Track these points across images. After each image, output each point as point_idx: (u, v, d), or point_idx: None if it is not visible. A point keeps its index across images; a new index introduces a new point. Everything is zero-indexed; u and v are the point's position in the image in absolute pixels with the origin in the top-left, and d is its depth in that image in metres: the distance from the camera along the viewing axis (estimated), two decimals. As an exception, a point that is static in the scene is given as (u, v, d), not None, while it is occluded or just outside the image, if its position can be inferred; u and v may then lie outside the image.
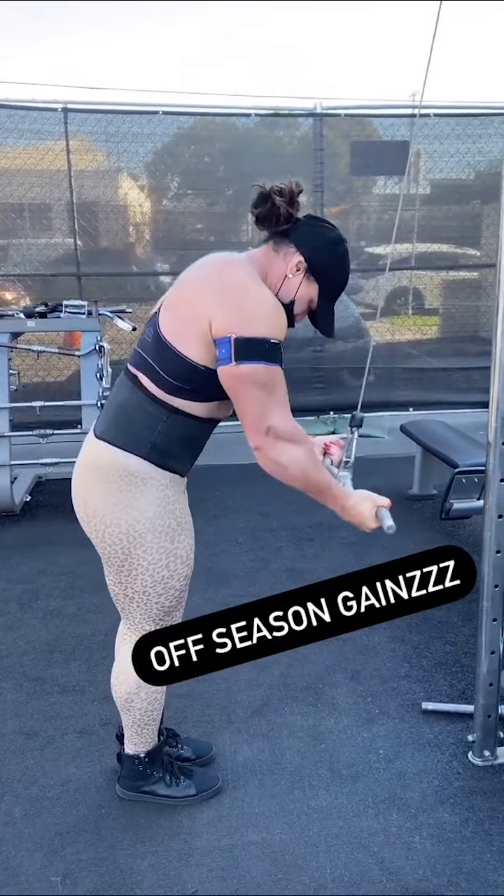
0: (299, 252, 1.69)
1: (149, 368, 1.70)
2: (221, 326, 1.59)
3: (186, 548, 1.82)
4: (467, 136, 5.79)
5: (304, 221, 1.72)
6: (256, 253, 1.74)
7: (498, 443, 1.97)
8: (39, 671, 2.66)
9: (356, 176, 5.85)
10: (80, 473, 1.79)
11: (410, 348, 6.33)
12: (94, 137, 5.55)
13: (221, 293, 1.60)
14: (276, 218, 1.67)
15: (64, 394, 4.83)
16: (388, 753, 2.20)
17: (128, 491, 1.71)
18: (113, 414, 1.75)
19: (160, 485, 1.73)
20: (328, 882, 1.76)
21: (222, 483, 4.59)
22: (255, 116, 5.75)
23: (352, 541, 3.71)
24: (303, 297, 1.73)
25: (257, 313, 1.59)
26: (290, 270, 1.70)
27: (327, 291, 1.74)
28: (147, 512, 1.73)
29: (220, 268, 1.67)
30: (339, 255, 1.72)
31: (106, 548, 1.78)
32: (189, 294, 1.66)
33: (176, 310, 1.67)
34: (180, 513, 1.79)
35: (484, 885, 1.74)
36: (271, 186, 1.66)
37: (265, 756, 2.20)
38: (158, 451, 1.71)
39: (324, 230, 1.73)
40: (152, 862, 1.83)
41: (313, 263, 1.70)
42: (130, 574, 1.78)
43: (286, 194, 1.66)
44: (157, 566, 1.77)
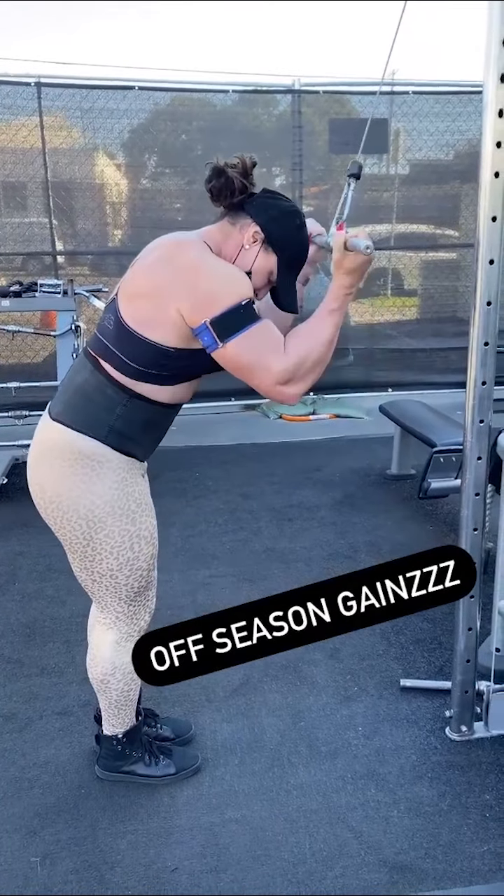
0: (255, 222, 1.67)
1: (111, 355, 1.68)
2: (192, 315, 1.58)
3: (149, 527, 1.81)
4: (446, 115, 5.75)
5: (260, 194, 1.70)
6: (211, 229, 1.71)
7: (475, 422, 1.98)
8: (17, 653, 2.65)
9: (335, 154, 5.79)
10: (35, 457, 1.76)
11: (390, 329, 6.33)
12: (68, 113, 5.43)
13: (178, 280, 1.59)
14: (230, 191, 1.64)
15: (40, 374, 4.78)
16: (367, 730, 2.22)
17: (84, 474, 1.69)
18: (71, 395, 1.73)
19: (117, 468, 1.72)
20: (307, 857, 1.78)
21: (201, 464, 4.57)
22: (232, 93, 5.67)
23: (332, 520, 3.72)
24: (261, 268, 1.69)
25: (218, 287, 1.57)
26: (246, 241, 1.67)
27: (286, 262, 1.71)
28: (105, 496, 1.71)
29: (170, 250, 1.65)
30: (295, 226, 1.70)
31: (66, 534, 1.76)
32: (145, 281, 1.64)
33: (136, 298, 1.64)
34: (139, 494, 1.78)
35: (461, 858, 1.77)
36: (224, 161, 1.64)
37: (245, 734, 2.21)
38: (117, 435, 1.70)
39: (279, 201, 1.71)
40: (132, 841, 1.83)
41: (270, 234, 1.67)
42: (95, 559, 1.77)
43: (240, 167, 1.64)
44: (121, 548, 1.76)
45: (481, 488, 2.02)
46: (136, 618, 1.88)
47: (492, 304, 1.89)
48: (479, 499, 2.02)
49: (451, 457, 3.31)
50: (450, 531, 3.56)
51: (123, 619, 1.86)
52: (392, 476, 4.34)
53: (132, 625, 1.88)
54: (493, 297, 1.89)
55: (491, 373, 1.94)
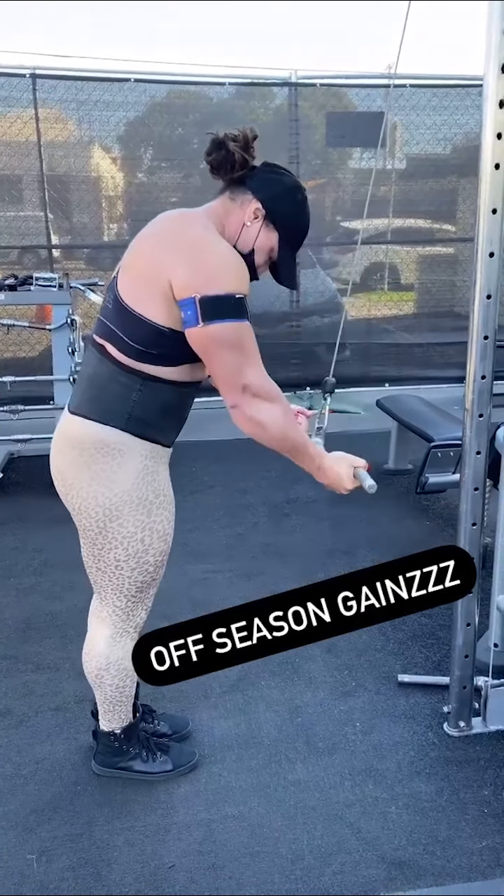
0: (256, 199, 1.64)
1: (113, 336, 1.64)
2: (183, 286, 1.53)
3: (164, 522, 1.78)
4: (444, 108, 5.73)
5: (261, 168, 1.67)
6: (213, 205, 1.68)
7: (474, 416, 1.96)
8: (13, 649, 2.63)
9: (332, 147, 5.76)
10: (57, 447, 1.74)
11: (386, 324, 6.32)
12: (64, 106, 5.40)
13: (179, 251, 1.55)
14: (230, 164, 1.61)
15: (35, 369, 4.75)
16: (365, 726, 2.21)
17: (104, 463, 1.67)
18: (85, 387, 1.71)
19: (139, 455, 1.69)
20: (305, 853, 1.77)
21: (199, 459, 4.56)
22: (229, 86, 5.63)
23: (328, 515, 3.71)
24: (262, 245, 1.67)
25: (219, 269, 1.54)
26: (248, 218, 1.64)
27: (288, 239, 1.68)
28: (125, 484, 1.69)
29: (175, 224, 1.62)
30: (297, 201, 1.68)
31: (82, 520, 1.74)
32: (144, 252, 1.61)
33: (133, 270, 1.61)
34: (160, 485, 1.75)
35: (459, 854, 1.76)
36: (225, 133, 1.61)
37: (242, 730, 2.20)
38: (136, 421, 1.66)
39: (281, 176, 1.68)
40: (129, 837, 1.82)
41: (272, 210, 1.64)
42: (104, 547, 1.75)
43: (240, 140, 1.61)
44: (132, 540, 1.74)
45: (480, 483, 2.01)
46: (132, 615, 1.86)
47: (491, 297, 1.87)
48: (478, 493, 2.01)
49: (448, 452, 3.30)
50: (447, 526, 3.55)
51: (119, 615, 1.85)
52: (389, 471, 4.33)
53: (127, 621, 1.86)
54: (493, 291, 1.87)
55: (490, 367, 1.92)
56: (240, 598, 2.91)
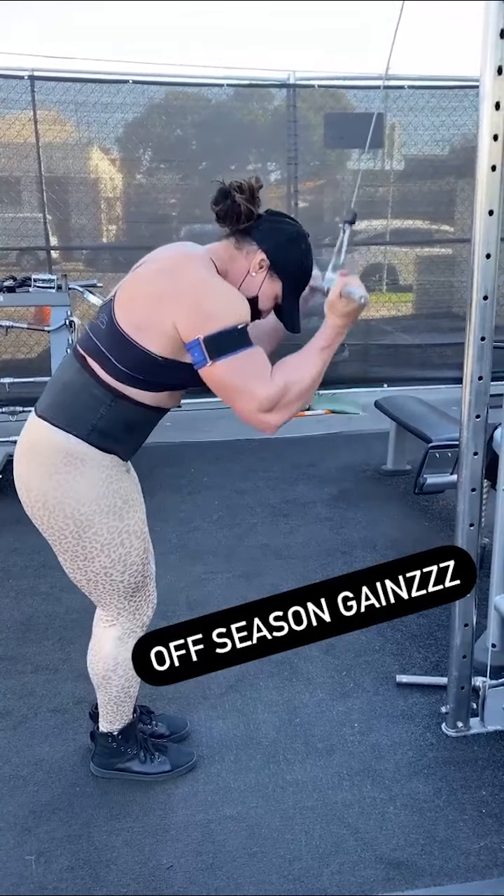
0: (261, 249, 1.67)
1: (100, 355, 1.67)
2: (187, 330, 1.58)
3: (138, 522, 1.81)
4: (441, 109, 5.74)
5: (266, 218, 1.70)
6: (217, 248, 1.71)
7: (472, 417, 1.97)
8: (12, 650, 2.63)
9: (330, 148, 5.77)
10: (20, 456, 1.76)
11: (385, 324, 6.32)
12: (62, 107, 5.40)
13: (180, 294, 1.59)
14: (236, 216, 1.65)
15: (34, 370, 4.75)
16: (363, 726, 2.21)
17: (67, 472, 1.69)
18: (57, 392, 1.73)
19: (100, 465, 1.71)
20: (303, 853, 1.77)
21: (197, 460, 4.56)
22: (227, 87, 5.64)
23: (327, 516, 3.72)
24: (267, 294, 1.71)
25: (218, 308, 1.58)
26: (252, 268, 1.68)
27: (292, 287, 1.73)
28: (90, 493, 1.71)
29: (177, 263, 1.64)
30: (301, 251, 1.71)
31: (55, 534, 1.75)
32: (146, 290, 1.63)
33: (134, 304, 1.64)
34: (125, 491, 1.77)
35: (457, 854, 1.76)
36: (230, 182, 1.63)
37: (240, 731, 2.20)
38: (99, 433, 1.69)
39: (285, 226, 1.71)
40: (127, 838, 1.82)
41: (276, 261, 1.68)
42: (87, 558, 1.76)
43: (246, 190, 1.63)
44: (112, 545, 1.76)
45: (477, 483, 2.01)
46: (139, 612, 1.87)
47: (488, 298, 1.88)
48: (476, 494, 2.01)
49: (446, 452, 3.31)
50: (445, 526, 3.56)
51: (125, 615, 1.86)
52: (388, 472, 4.34)
53: (135, 620, 1.87)
54: (490, 292, 1.88)
55: (487, 368, 1.93)
56: (238, 598, 2.92)
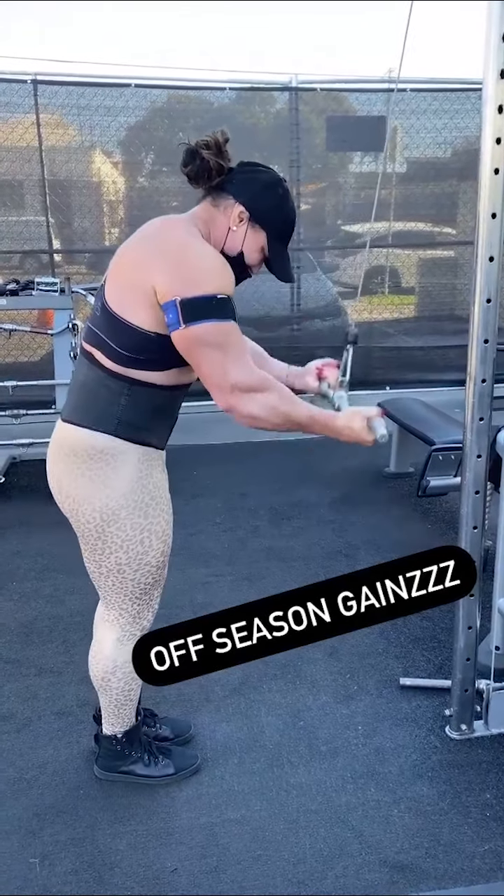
0: (238, 202, 1.65)
1: (102, 343, 1.66)
2: (165, 290, 1.55)
3: (162, 523, 1.79)
4: (444, 112, 5.73)
5: (238, 170, 1.68)
6: (197, 211, 1.70)
7: (475, 420, 1.97)
8: (15, 653, 2.63)
9: (332, 151, 5.77)
10: (52, 455, 1.76)
11: (387, 327, 6.32)
12: (65, 111, 5.41)
13: (161, 255, 1.57)
14: (207, 173, 1.63)
15: (37, 373, 4.75)
16: (367, 729, 2.21)
17: (99, 469, 1.68)
18: (76, 394, 1.73)
19: (133, 459, 1.70)
20: (307, 856, 1.77)
21: (199, 463, 4.56)
22: (229, 90, 5.65)
23: (330, 519, 3.72)
24: (252, 246, 1.69)
25: (200, 271, 1.56)
26: (232, 223, 1.66)
27: (276, 235, 1.70)
28: (120, 489, 1.70)
29: (158, 230, 1.64)
30: (279, 196, 1.69)
31: (80, 526, 1.75)
32: (128, 260, 1.63)
33: (118, 277, 1.63)
34: (154, 487, 1.76)
35: (461, 857, 1.76)
36: (196, 141, 1.62)
37: (244, 734, 2.20)
38: (126, 425, 1.68)
39: (259, 174, 1.69)
40: (131, 841, 1.82)
41: (255, 210, 1.66)
42: (104, 552, 1.76)
43: (212, 146, 1.62)
44: (132, 542, 1.75)
45: (481, 486, 2.01)
46: (140, 617, 1.87)
47: (491, 301, 1.88)
48: (479, 497, 2.01)
49: (449, 455, 3.31)
50: (448, 529, 3.55)
51: (126, 618, 1.85)
52: (391, 474, 4.34)
53: (135, 624, 1.87)
54: (493, 295, 1.88)
55: (490, 370, 1.93)
56: (241, 601, 2.88)
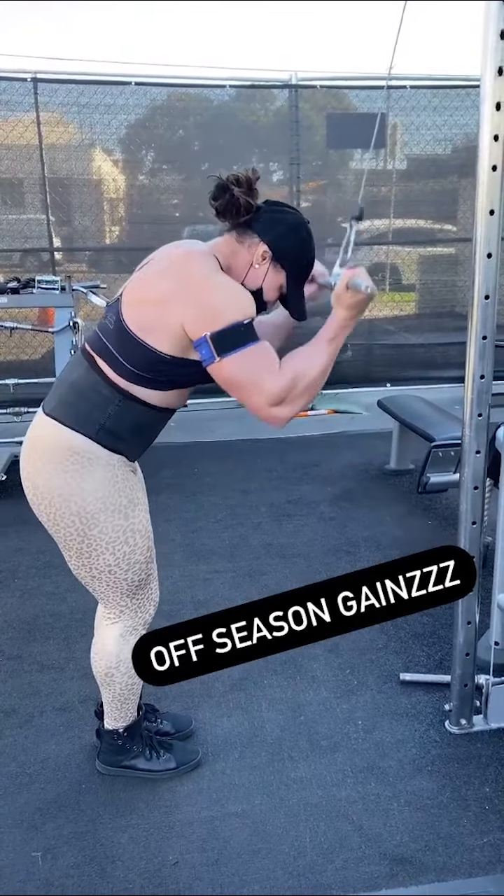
0: (263, 241, 1.68)
1: (108, 354, 1.69)
2: (194, 329, 1.59)
3: (142, 521, 1.82)
4: (444, 109, 5.74)
5: (265, 209, 1.70)
6: (219, 243, 1.72)
7: (474, 416, 1.98)
8: (17, 649, 2.65)
9: (332, 148, 5.78)
10: (27, 453, 1.77)
11: (388, 324, 6.32)
12: (65, 109, 5.42)
13: (185, 294, 1.60)
14: (235, 209, 1.65)
15: (38, 371, 4.77)
16: (367, 724, 2.23)
17: (74, 471, 1.70)
18: (65, 391, 1.74)
19: (107, 464, 1.73)
20: (308, 850, 1.78)
21: (201, 460, 4.57)
22: (229, 88, 5.65)
23: (331, 515, 3.73)
24: (271, 284, 1.73)
25: (223, 303, 1.59)
26: (255, 261, 1.69)
27: (295, 275, 1.74)
28: (96, 492, 1.72)
29: (181, 262, 1.66)
30: (302, 239, 1.72)
31: (60, 531, 1.76)
32: (151, 289, 1.65)
33: (140, 304, 1.66)
34: (130, 490, 1.79)
35: (461, 850, 1.77)
36: (228, 176, 1.64)
37: (244, 729, 2.21)
38: (107, 433, 1.70)
39: (285, 215, 1.71)
40: (133, 835, 1.84)
41: (278, 251, 1.69)
42: (91, 556, 1.78)
43: (243, 183, 1.63)
44: (116, 543, 1.77)
45: (480, 482, 2.02)
46: (141, 610, 1.89)
47: (490, 297, 1.89)
48: (478, 493, 2.02)
49: (449, 451, 3.31)
50: (449, 525, 3.56)
51: (128, 613, 1.87)
52: (391, 471, 4.34)
53: (137, 617, 1.88)
54: (491, 291, 1.89)
55: (489, 366, 1.94)
56: (242, 597, 2.93)
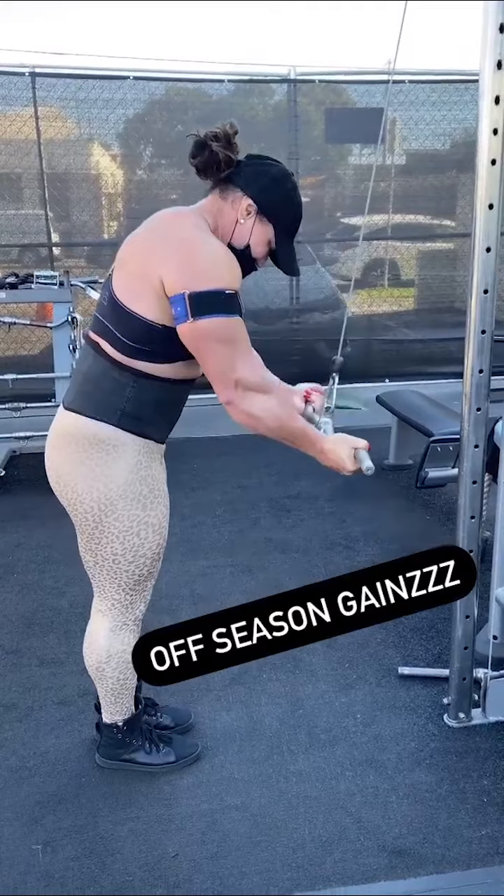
0: (246, 195, 1.66)
1: (108, 333, 1.67)
2: (173, 284, 1.56)
3: (159, 516, 1.81)
4: (443, 103, 5.72)
5: (246, 162, 1.68)
6: (204, 203, 1.70)
7: (472, 410, 1.98)
8: (17, 644, 2.65)
9: (331, 143, 5.77)
10: (52, 443, 1.77)
11: (387, 320, 6.32)
12: (63, 103, 5.40)
13: (170, 248, 1.58)
14: (216, 165, 1.63)
15: (37, 366, 4.76)
16: (366, 717, 2.23)
17: (99, 459, 1.69)
18: (80, 383, 1.73)
19: (133, 451, 1.72)
20: (307, 842, 1.79)
21: (200, 456, 4.58)
22: (228, 82, 5.64)
23: (329, 511, 3.73)
24: (259, 239, 1.69)
25: (209, 266, 1.56)
26: (240, 215, 1.66)
27: (283, 228, 1.70)
28: (119, 479, 1.71)
29: (167, 223, 1.64)
30: (287, 189, 1.69)
31: (78, 515, 1.77)
32: (137, 251, 1.63)
33: (126, 268, 1.64)
34: (153, 480, 1.78)
35: (459, 842, 1.78)
36: (205, 132, 1.62)
37: (244, 722, 2.22)
38: (130, 417, 1.69)
39: (268, 167, 1.69)
40: (133, 828, 1.84)
41: (263, 204, 1.66)
42: (101, 542, 1.77)
43: (221, 138, 1.62)
44: (128, 534, 1.77)
45: (478, 476, 2.02)
46: (132, 607, 1.88)
47: (488, 291, 1.89)
48: (477, 487, 2.03)
49: (448, 446, 3.32)
50: (447, 520, 3.57)
51: (118, 608, 1.87)
52: (390, 466, 4.35)
53: (127, 614, 1.88)
54: (490, 285, 1.89)
55: (487, 361, 1.94)
56: (241, 592, 2.94)
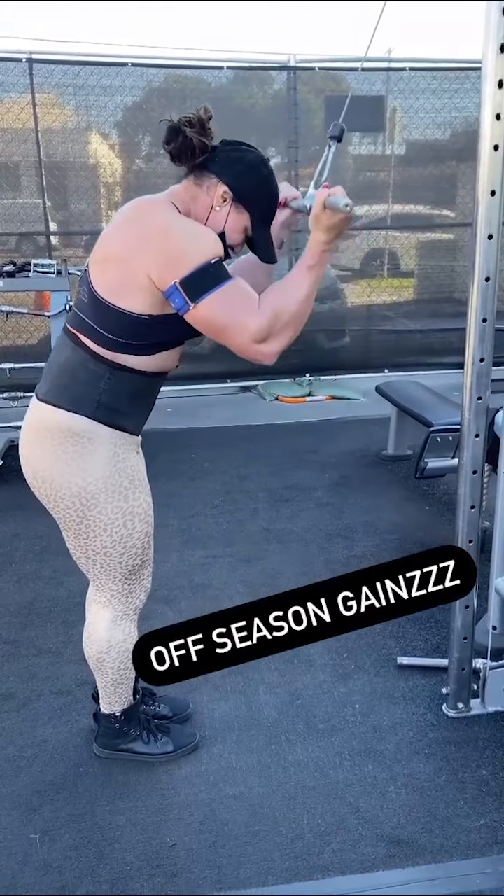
0: (222, 182, 1.63)
1: (88, 329, 1.66)
2: (162, 277, 1.55)
3: (143, 504, 1.80)
4: (443, 92, 5.69)
5: (221, 148, 1.66)
6: (178, 189, 1.68)
7: (473, 399, 1.97)
8: (15, 634, 2.65)
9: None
10: (26, 438, 1.75)
11: (386, 310, 6.30)
12: (61, 91, 5.36)
13: (147, 243, 1.56)
14: (190, 151, 1.60)
15: (35, 356, 4.75)
16: (364, 707, 2.23)
17: (75, 452, 1.68)
18: (55, 374, 1.71)
19: (109, 443, 1.70)
20: (305, 832, 1.79)
21: (198, 446, 4.56)
22: (227, 70, 5.59)
23: (328, 501, 3.72)
24: (234, 226, 1.67)
25: (187, 245, 1.55)
26: (216, 202, 1.64)
27: (260, 216, 1.68)
28: (97, 473, 1.70)
29: (138, 213, 1.62)
30: (263, 176, 1.66)
31: (60, 512, 1.75)
32: (114, 247, 1.61)
33: (105, 265, 1.62)
34: (132, 470, 1.77)
35: (457, 832, 1.78)
36: (179, 118, 1.59)
37: (242, 712, 2.21)
38: (105, 409, 1.68)
39: (243, 153, 1.66)
40: (131, 817, 1.84)
41: (238, 190, 1.63)
42: (89, 536, 1.76)
43: (195, 123, 1.59)
44: (115, 526, 1.76)
45: (479, 466, 2.01)
46: (132, 596, 1.88)
47: (490, 279, 1.87)
48: (477, 476, 2.02)
49: (447, 437, 3.31)
50: (446, 511, 3.56)
51: (119, 598, 1.86)
52: (389, 457, 4.34)
53: (127, 603, 1.88)
54: (492, 273, 1.87)
55: (489, 349, 1.93)
56: (240, 582, 2.93)
